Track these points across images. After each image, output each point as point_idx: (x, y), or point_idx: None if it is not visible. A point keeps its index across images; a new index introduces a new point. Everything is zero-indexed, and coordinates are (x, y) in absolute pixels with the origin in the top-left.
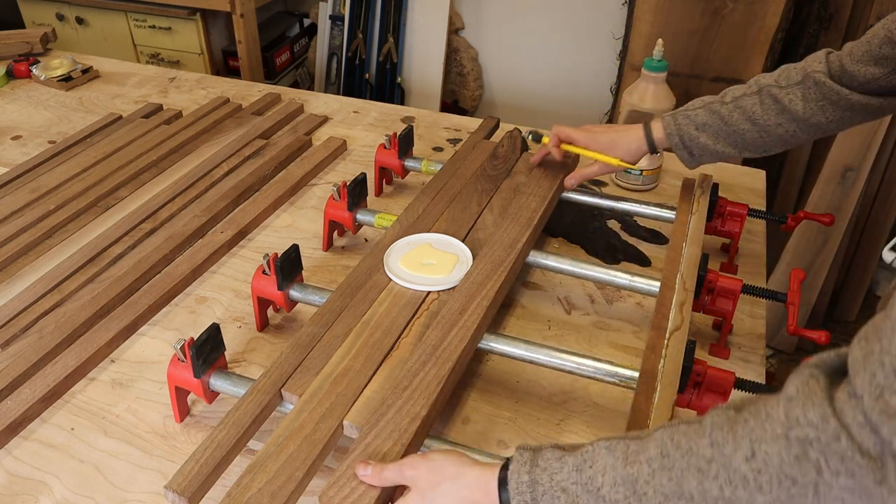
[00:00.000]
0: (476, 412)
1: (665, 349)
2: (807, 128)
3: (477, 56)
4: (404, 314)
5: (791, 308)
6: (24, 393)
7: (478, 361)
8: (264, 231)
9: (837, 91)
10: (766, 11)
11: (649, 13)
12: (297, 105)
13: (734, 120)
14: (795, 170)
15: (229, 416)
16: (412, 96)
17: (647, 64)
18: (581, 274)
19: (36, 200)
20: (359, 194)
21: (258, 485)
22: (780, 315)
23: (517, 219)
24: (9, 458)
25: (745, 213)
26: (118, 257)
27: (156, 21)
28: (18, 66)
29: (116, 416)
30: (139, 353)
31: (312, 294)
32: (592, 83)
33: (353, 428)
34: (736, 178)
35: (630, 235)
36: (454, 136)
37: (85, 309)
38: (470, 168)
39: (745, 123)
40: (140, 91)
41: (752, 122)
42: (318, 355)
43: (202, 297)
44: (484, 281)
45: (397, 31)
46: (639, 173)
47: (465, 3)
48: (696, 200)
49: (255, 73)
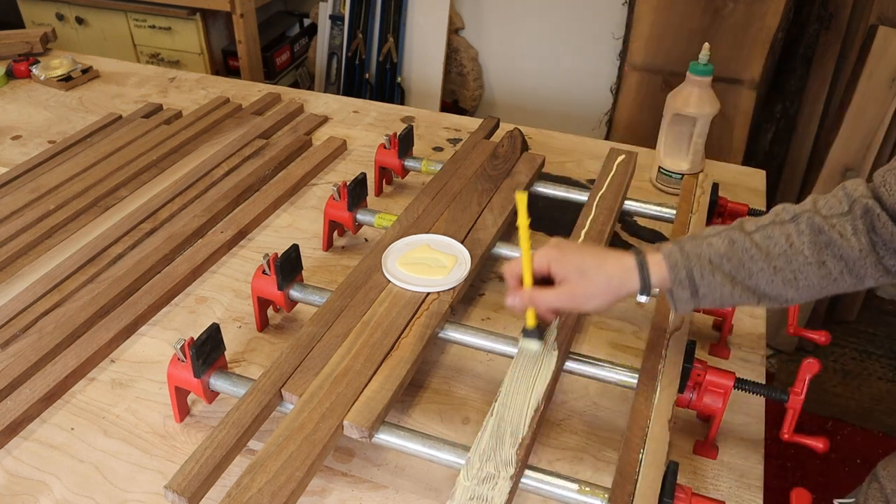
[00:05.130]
0: (476, 412)
1: (665, 349)
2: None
3: (477, 56)
4: (404, 314)
5: (791, 308)
6: (24, 393)
7: (478, 361)
8: (264, 231)
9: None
10: (766, 11)
11: (649, 13)
12: (297, 105)
13: (768, 252)
14: (795, 170)
15: (229, 416)
16: (412, 96)
17: (693, 68)
18: None
19: (36, 200)
20: (359, 194)
21: (258, 485)
22: (780, 315)
23: (589, 233)
24: (9, 458)
25: (746, 213)
26: (118, 257)
27: (156, 21)
28: (18, 66)
29: (116, 416)
30: (139, 353)
31: (312, 294)
32: (592, 83)
33: (353, 428)
34: (736, 178)
35: (630, 235)
36: (454, 136)
37: (85, 309)
38: (470, 168)
39: (779, 260)
40: (140, 91)
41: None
42: (318, 355)
43: (202, 297)
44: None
45: (397, 31)
46: (680, 177)
47: (465, 3)
48: (697, 200)
49: (255, 73)
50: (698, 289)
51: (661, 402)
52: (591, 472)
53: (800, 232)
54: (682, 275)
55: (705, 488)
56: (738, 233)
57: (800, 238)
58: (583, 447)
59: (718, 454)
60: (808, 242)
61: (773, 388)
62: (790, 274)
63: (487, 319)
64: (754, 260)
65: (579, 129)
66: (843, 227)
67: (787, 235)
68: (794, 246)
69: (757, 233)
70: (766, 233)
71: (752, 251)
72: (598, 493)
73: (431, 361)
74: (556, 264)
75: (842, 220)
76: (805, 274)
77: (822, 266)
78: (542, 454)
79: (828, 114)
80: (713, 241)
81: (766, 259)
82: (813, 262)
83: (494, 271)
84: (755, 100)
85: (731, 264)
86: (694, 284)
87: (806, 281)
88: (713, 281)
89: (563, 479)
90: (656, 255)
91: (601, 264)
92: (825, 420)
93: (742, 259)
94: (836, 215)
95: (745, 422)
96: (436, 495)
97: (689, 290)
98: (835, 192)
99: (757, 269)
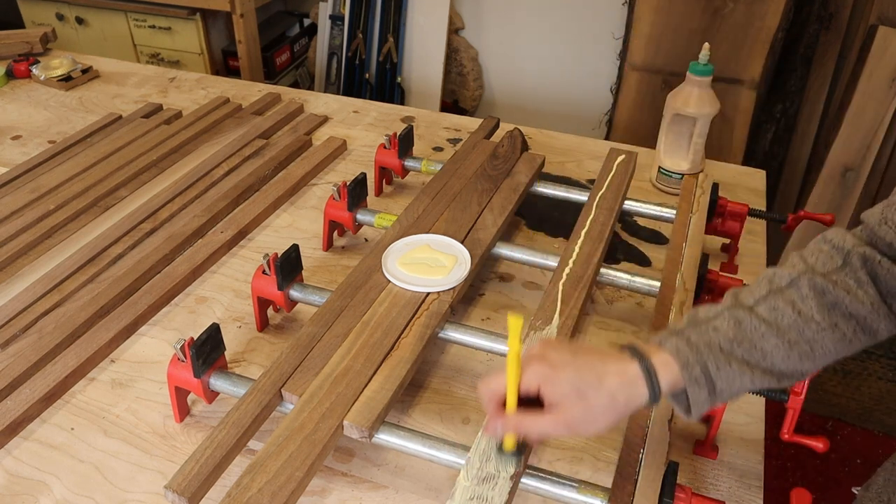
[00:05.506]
0: (476, 412)
1: None
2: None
3: (477, 56)
4: (404, 314)
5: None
6: (24, 393)
7: (478, 361)
8: (264, 231)
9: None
10: (766, 11)
11: (649, 13)
12: (297, 105)
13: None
14: (795, 170)
15: (229, 416)
16: (412, 96)
17: (693, 68)
18: None
19: (36, 200)
20: (359, 194)
21: (258, 485)
22: None
23: (590, 233)
24: (9, 458)
25: (746, 213)
26: (118, 257)
27: (156, 21)
28: (18, 66)
29: (116, 416)
30: (139, 353)
31: (312, 294)
32: (592, 83)
33: (353, 428)
34: (736, 178)
35: (630, 235)
36: (454, 136)
37: (85, 309)
38: (470, 168)
39: (793, 333)
40: (140, 91)
41: (799, 331)
42: (318, 355)
43: (202, 297)
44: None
45: (397, 31)
46: (680, 177)
47: (465, 3)
48: (697, 200)
49: (255, 73)
50: (715, 384)
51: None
52: (591, 472)
53: (803, 297)
54: (697, 371)
55: (705, 488)
56: (741, 311)
57: (805, 304)
58: (583, 447)
59: (718, 454)
60: (815, 306)
61: (773, 389)
62: (805, 346)
63: (487, 319)
64: (766, 338)
65: (579, 129)
66: (846, 283)
67: (793, 303)
68: (803, 313)
69: (759, 306)
70: (770, 304)
71: (762, 329)
72: (598, 493)
73: (431, 361)
74: (548, 385)
75: (842, 276)
76: (821, 342)
77: (835, 329)
78: (542, 454)
79: (828, 114)
80: (718, 326)
81: (777, 335)
82: (826, 326)
83: (494, 271)
84: (755, 100)
85: (742, 348)
86: (711, 380)
87: (822, 349)
88: (730, 371)
89: (563, 479)
90: (661, 354)
91: (601, 380)
92: (825, 420)
93: (753, 340)
94: (834, 271)
95: (745, 422)
96: (436, 495)
97: (707, 388)
98: (817, 246)
99: (770, 348)
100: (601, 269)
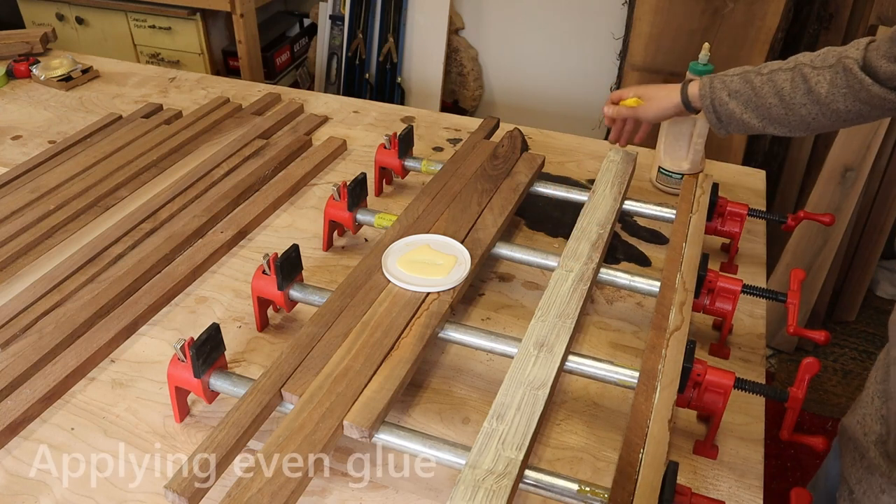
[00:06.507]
0: (476, 412)
1: (665, 349)
2: (828, 113)
3: (477, 56)
4: (404, 314)
5: (791, 308)
6: (24, 393)
7: (478, 361)
8: (264, 231)
9: (860, 80)
10: (766, 11)
11: (649, 13)
12: (297, 105)
13: (764, 93)
14: (795, 170)
15: (229, 416)
16: (412, 96)
17: (693, 68)
18: None
19: (36, 200)
20: (359, 194)
21: (258, 485)
22: (780, 315)
23: (588, 235)
24: (9, 458)
25: (745, 213)
26: (118, 257)
27: (156, 21)
28: (18, 66)
29: (116, 416)
30: (139, 353)
31: (312, 294)
32: (592, 83)
33: (353, 428)
34: (736, 178)
35: (630, 235)
36: (454, 136)
37: (85, 309)
38: (470, 168)
39: (773, 98)
40: (140, 91)
41: (779, 97)
42: (318, 355)
43: (202, 297)
44: (571, 293)
45: (397, 31)
46: (679, 177)
47: (465, 3)
48: (696, 200)
49: (255, 73)
50: (720, 116)
51: (661, 402)
52: (590, 472)
53: (793, 79)
54: (707, 102)
55: (705, 488)
56: (755, 74)
57: (792, 84)
58: (583, 447)
59: (718, 454)
60: (799, 89)
61: (773, 388)
62: (783, 110)
63: (487, 319)
64: (760, 96)
65: (579, 129)
66: (822, 77)
67: (785, 80)
68: (788, 89)
69: (767, 75)
70: (772, 77)
71: (765, 87)
72: (598, 493)
73: (431, 361)
74: (638, 90)
75: (824, 72)
76: (794, 109)
77: (802, 106)
78: (542, 454)
79: None
80: (734, 80)
81: (773, 96)
82: (797, 102)
83: (494, 271)
84: None
85: (742, 98)
86: (717, 112)
87: (793, 117)
88: (728, 109)
89: (563, 479)
90: (695, 86)
91: (660, 87)
92: (825, 420)
93: (755, 89)
94: (824, 67)
95: (745, 422)
96: (436, 495)
97: (715, 116)
98: (839, 48)
99: (761, 104)
100: (601, 269)
